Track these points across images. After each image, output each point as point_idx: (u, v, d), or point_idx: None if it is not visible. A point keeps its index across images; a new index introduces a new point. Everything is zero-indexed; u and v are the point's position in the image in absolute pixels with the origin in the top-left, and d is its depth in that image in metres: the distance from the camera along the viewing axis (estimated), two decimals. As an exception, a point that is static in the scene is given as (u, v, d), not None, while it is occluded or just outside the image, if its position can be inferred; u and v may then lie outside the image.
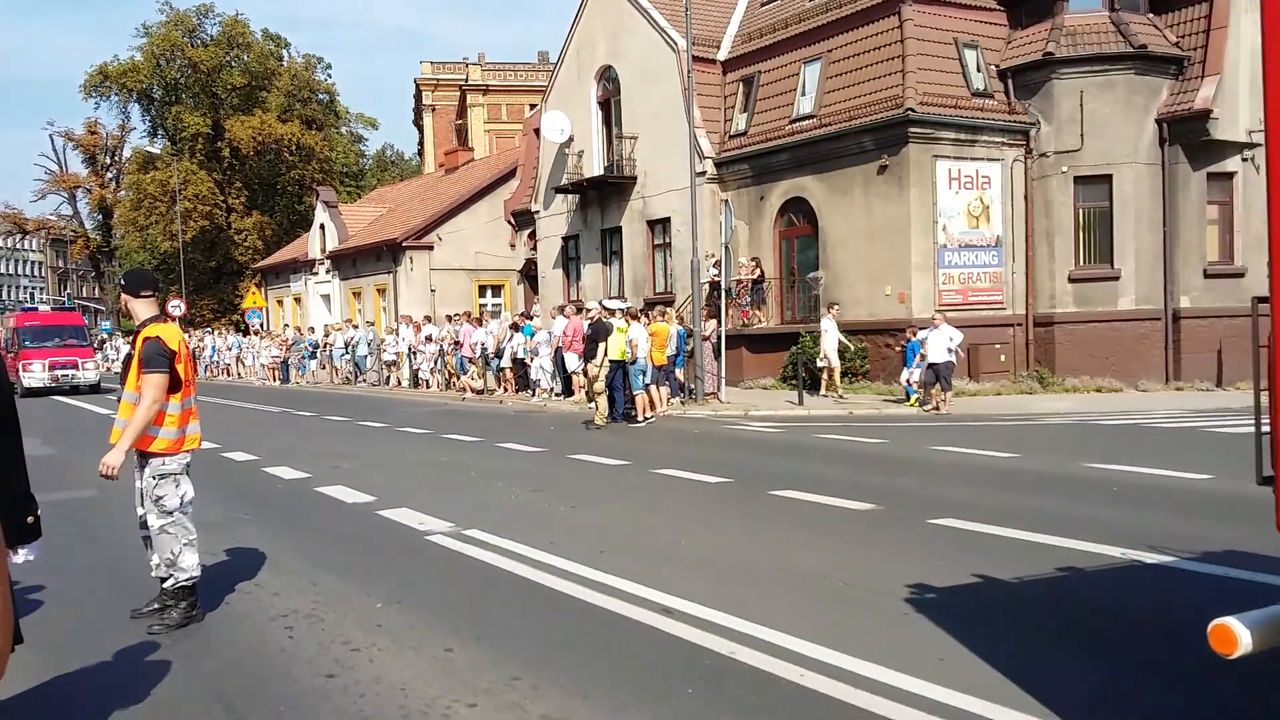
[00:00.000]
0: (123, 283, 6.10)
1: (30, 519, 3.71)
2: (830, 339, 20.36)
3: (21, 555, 3.72)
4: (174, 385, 5.75)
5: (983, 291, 22.17)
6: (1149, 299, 21.84)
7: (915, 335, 18.69)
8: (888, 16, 22.10)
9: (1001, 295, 22.40)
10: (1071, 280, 22.19)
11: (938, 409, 17.67)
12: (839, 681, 4.54)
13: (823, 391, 20.53)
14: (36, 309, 38.17)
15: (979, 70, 22.42)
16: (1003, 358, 21.95)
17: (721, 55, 26.43)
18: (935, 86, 21.58)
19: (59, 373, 31.80)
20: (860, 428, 15.79)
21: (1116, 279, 21.99)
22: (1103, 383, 21.02)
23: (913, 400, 18.53)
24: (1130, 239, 21.94)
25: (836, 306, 21.09)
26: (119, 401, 5.92)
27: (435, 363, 27.57)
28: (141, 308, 5.94)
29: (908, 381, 18.82)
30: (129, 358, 5.87)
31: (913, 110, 20.93)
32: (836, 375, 20.34)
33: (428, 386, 27.81)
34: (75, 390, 31.82)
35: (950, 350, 17.61)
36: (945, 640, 5.15)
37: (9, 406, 3.55)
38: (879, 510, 8.70)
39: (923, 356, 18.08)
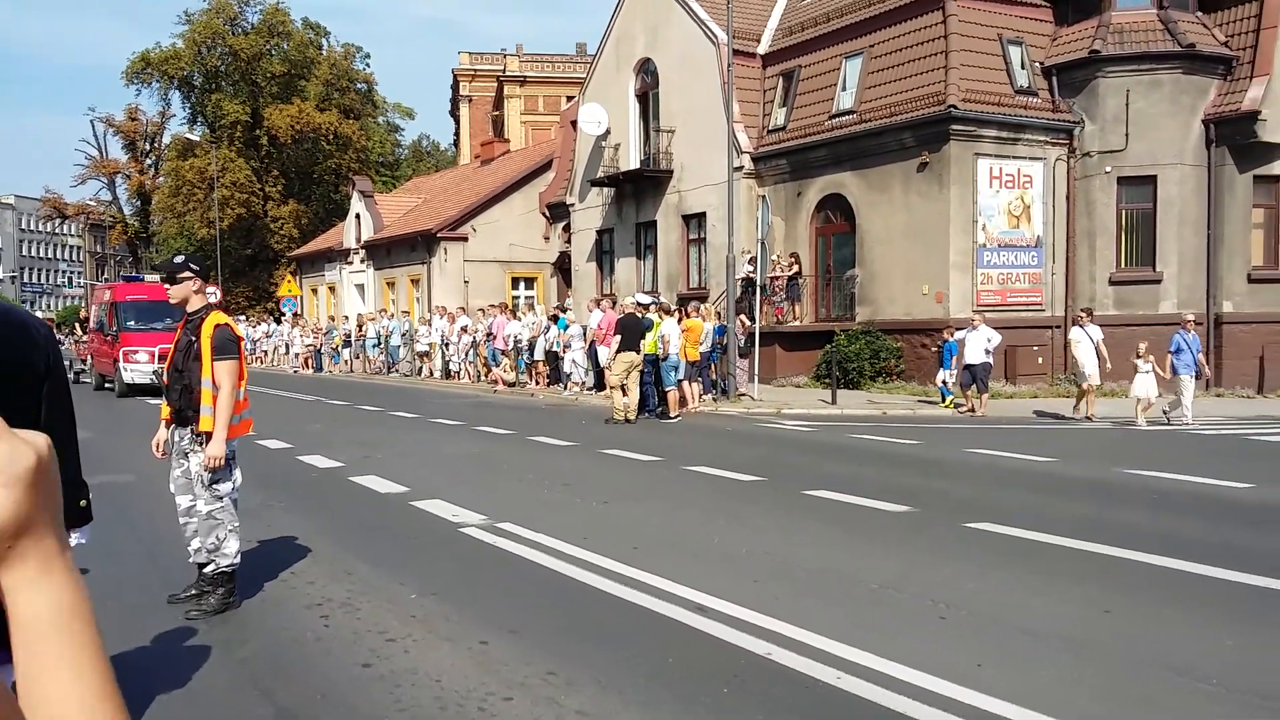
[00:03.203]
0: (194, 267, 5.98)
1: (83, 502, 3.75)
2: (1085, 349, 17.02)
3: (75, 538, 3.75)
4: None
5: (1022, 292, 21.95)
6: (1191, 302, 21.52)
7: (952, 335, 18.51)
8: (932, 11, 21.90)
9: (1041, 297, 22.16)
10: (1112, 282, 21.92)
11: (973, 411, 17.50)
12: (875, 685, 4.50)
13: (1075, 411, 17.02)
14: (141, 279, 27.60)
15: (1023, 67, 22.18)
16: (1040, 360, 21.72)
17: (762, 49, 26.31)
18: (978, 83, 21.36)
19: None
20: (894, 428, 15.67)
21: (1158, 282, 21.70)
22: (1142, 387, 20.70)
23: (948, 402, 18.37)
24: (1173, 241, 21.63)
25: (1089, 311, 18.11)
26: (187, 389, 5.90)
27: (468, 354, 27.65)
28: (198, 295, 5.98)
29: (943, 382, 18.66)
30: (188, 345, 5.89)
31: (955, 107, 20.74)
32: (1092, 394, 16.91)
33: (459, 378, 27.90)
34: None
35: (988, 352, 17.42)
36: (982, 646, 5.09)
37: (64, 391, 3.59)
38: (914, 512, 8.61)
39: (959, 357, 17.92)
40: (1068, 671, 4.73)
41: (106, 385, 25.02)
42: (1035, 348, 21.74)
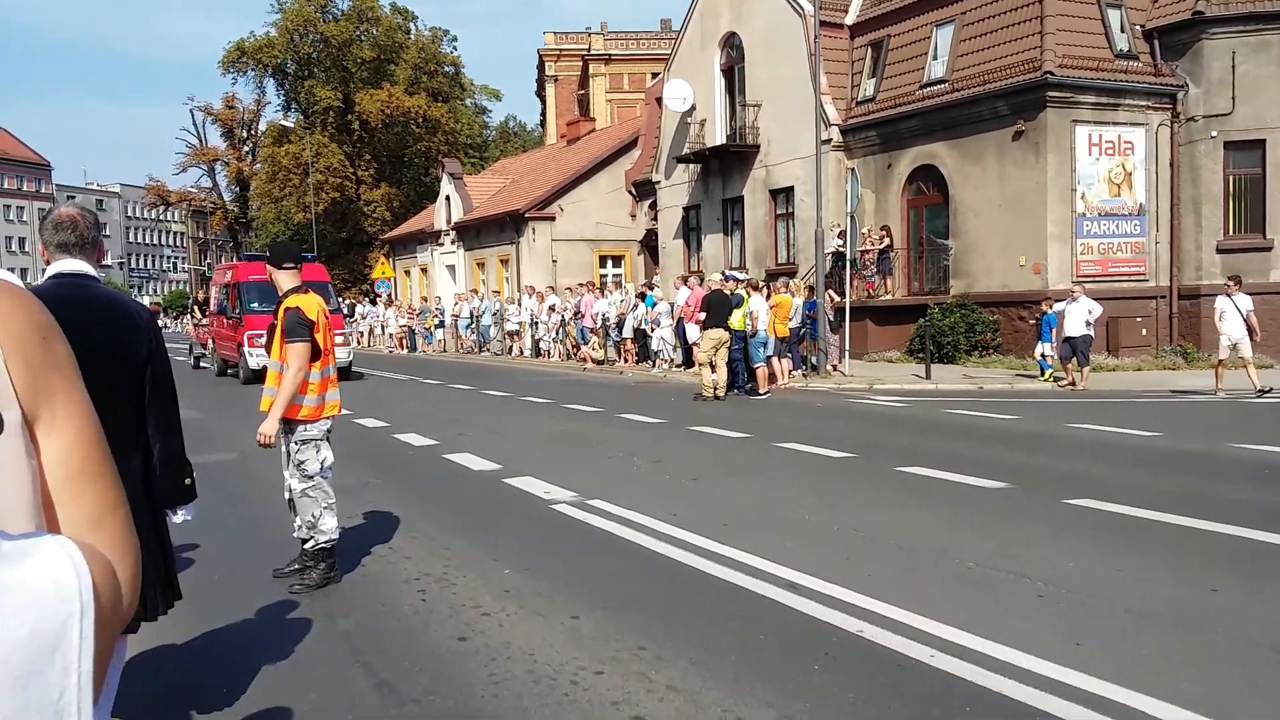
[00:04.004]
0: (268, 255, 6.35)
1: (187, 480, 3.90)
2: (1232, 320, 15.68)
3: (180, 515, 3.91)
4: (314, 354, 5.93)
5: (1123, 262, 21.27)
6: (1303, 269, 20.63)
7: (1051, 308, 18.03)
8: (1025, -26, 21.24)
9: (1144, 266, 21.45)
10: (1220, 250, 21.11)
11: (1074, 385, 17.04)
12: (969, 663, 4.43)
13: (1218, 388, 15.70)
14: (265, 256, 26.25)
15: (1123, 30, 21.40)
16: (1144, 331, 21.05)
17: (850, 19, 25.85)
18: (1075, 48, 20.67)
19: None
20: (991, 403, 15.35)
21: (1269, 249, 20.82)
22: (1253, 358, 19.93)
23: (1047, 375, 17.91)
24: (1285, 207, 20.71)
25: (1237, 279, 16.34)
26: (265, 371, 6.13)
27: (557, 333, 27.89)
28: (284, 279, 6.14)
29: (1042, 356, 18.19)
30: (272, 327, 6.08)
31: (1051, 73, 20.12)
32: (1251, 365, 15.60)
33: (549, 356, 28.17)
34: None
35: (1089, 323, 16.92)
36: (1081, 624, 4.97)
37: (166, 373, 3.72)
38: (1011, 489, 8.43)
39: (1059, 330, 17.45)
40: (1170, 651, 4.59)
41: (229, 372, 23.41)
42: (1139, 319, 21.06)
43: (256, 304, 21.39)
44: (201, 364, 27.43)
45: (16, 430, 1.03)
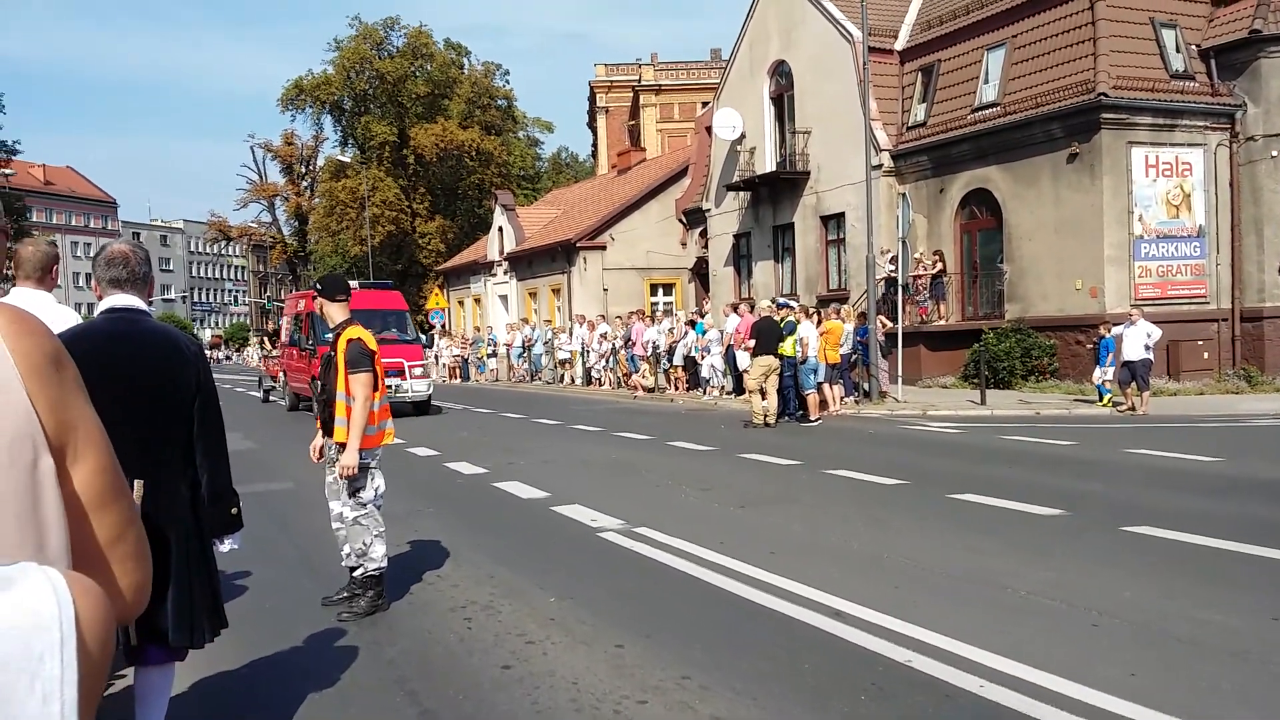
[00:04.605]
0: (319, 287, 6.45)
1: (234, 510, 3.97)
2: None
3: (227, 545, 3.97)
4: (375, 383, 6.05)
5: (1183, 285, 20.86)
6: (1371, 291, 20.09)
7: (1109, 332, 17.71)
8: (1078, -3, 21.07)
9: (1204, 288, 21.01)
10: (1283, 272, 20.61)
11: (1133, 410, 16.70)
12: (1021, 694, 4.33)
13: None
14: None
15: (1178, 50, 21.09)
16: (1206, 355, 20.58)
17: (899, 45, 25.79)
18: (1130, 69, 20.41)
19: None
20: (1048, 429, 15.09)
21: (1334, 270, 20.29)
22: (1319, 382, 19.45)
23: (1106, 400, 17.57)
24: (1351, 225, 20.20)
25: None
26: (329, 402, 6.16)
27: (607, 361, 27.96)
28: (336, 311, 6.24)
29: (1101, 380, 17.86)
30: (328, 359, 6.17)
31: (1105, 95, 19.87)
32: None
33: (600, 384, 28.23)
34: (397, 411, 20.42)
35: (1148, 347, 16.60)
36: (1138, 655, 4.84)
37: (214, 405, 3.80)
38: (1067, 516, 8.27)
39: (1117, 354, 17.13)
40: (1229, 683, 4.46)
41: (302, 406, 21.42)
42: (1200, 342, 20.61)
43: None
44: (271, 397, 26.10)
45: (50, 473, 1.06)
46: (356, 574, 6.11)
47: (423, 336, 26.87)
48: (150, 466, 3.41)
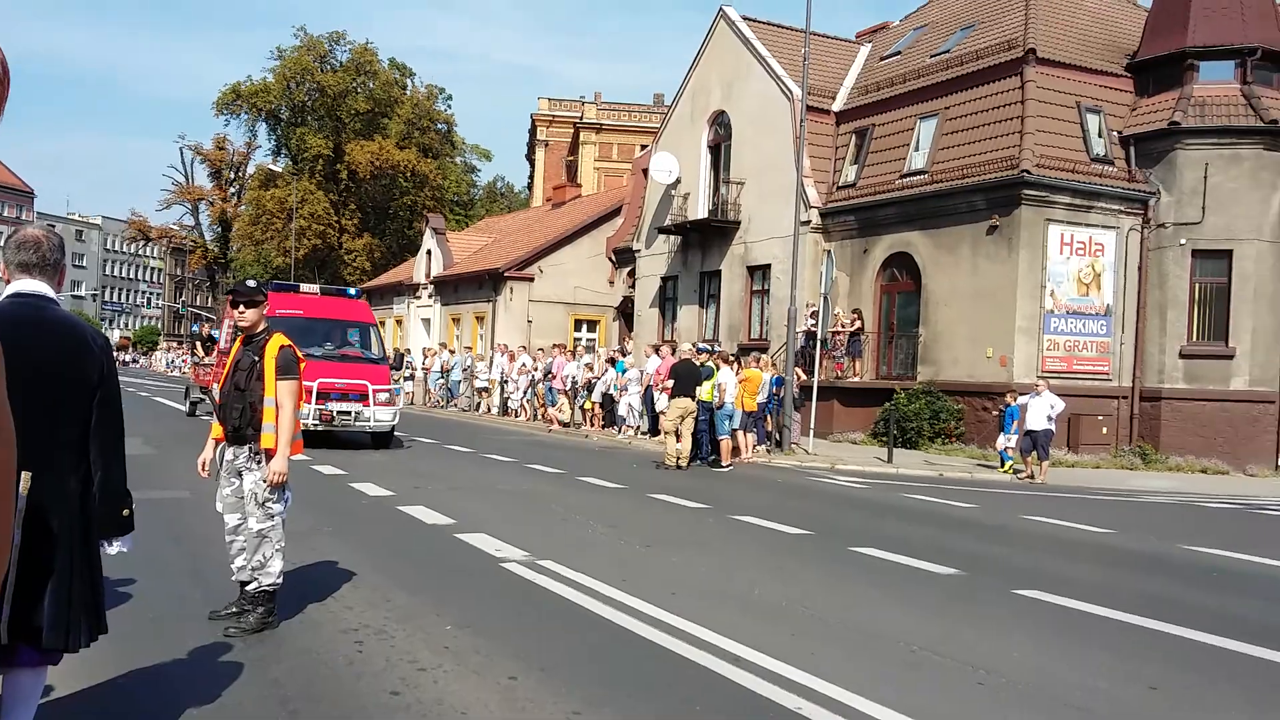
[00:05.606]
0: (249, 286, 6.32)
1: (125, 511, 3.84)
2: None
3: (115, 547, 3.84)
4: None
5: (1088, 360, 21.57)
6: (1263, 380, 21.01)
7: (1015, 400, 18.22)
8: (1010, 76, 21.86)
9: (1108, 366, 21.75)
10: (1183, 356, 21.46)
11: (1032, 478, 17.17)
12: (906, 749, 4.39)
13: None
14: (296, 288, 20.53)
15: (1100, 136, 21.97)
16: (1105, 430, 21.28)
17: (836, 106, 26.43)
18: (1053, 149, 21.19)
19: (335, 407, 17.08)
20: (950, 490, 15.41)
21: (1230, 358, 21.19)
22: (1208, 463, 20.24)
23: (1007, 467, 18.03)
24: (1248, 318, 21.14)
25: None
26: (251, 408, 6.01)
27: (526, 393, 27.84)
28: (258, 315, 6.14)
29: (1004, 447, 18.33)
30: (251, 365, 6.03)
31: (1028, 172, 20.58)
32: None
33: (516, 415, 28.08)
34: (353, 442, 17.87)
35: (1050, 418, 17.11)
36: (1019, 714, 4.95)
37: (114, 401, 3.70)
38: (963, 576, 8.44)
39: (1021, 423, 17.61)
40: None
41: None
42: (1100, 417, 21.31)
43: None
44: (198, 411, 23.17)
45: None
46: (249, 588, 5.97)
47: (389, 354, 23.53)
48: (42, 457, 3.29)
